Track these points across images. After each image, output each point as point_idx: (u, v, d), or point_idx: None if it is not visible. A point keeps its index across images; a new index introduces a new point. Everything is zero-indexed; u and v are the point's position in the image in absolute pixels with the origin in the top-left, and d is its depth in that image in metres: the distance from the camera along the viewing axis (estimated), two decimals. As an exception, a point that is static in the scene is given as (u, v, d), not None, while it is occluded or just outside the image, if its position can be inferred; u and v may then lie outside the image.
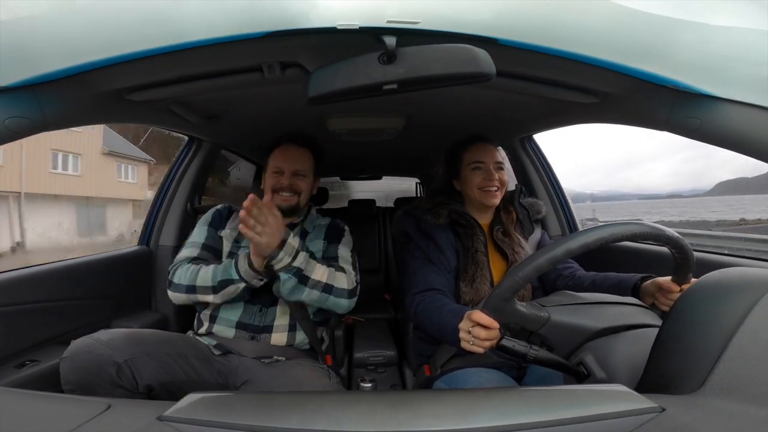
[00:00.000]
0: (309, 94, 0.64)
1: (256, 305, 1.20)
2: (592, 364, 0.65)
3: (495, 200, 1.19)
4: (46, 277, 1.28)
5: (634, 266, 1.46)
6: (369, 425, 0.42)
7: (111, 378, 0.91)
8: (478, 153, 1.22)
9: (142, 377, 0.95)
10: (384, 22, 0.60)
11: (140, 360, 0.96)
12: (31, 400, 0.49)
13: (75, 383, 0.90)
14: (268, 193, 1.27)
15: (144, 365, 0.96)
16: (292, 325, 1.22)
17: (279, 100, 1.21)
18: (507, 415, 0.43)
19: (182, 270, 1.17)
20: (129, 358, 0.94)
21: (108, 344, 0.94)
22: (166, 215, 1.75)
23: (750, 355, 0.44)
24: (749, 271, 0.54)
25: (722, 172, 57.67)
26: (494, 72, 0.61)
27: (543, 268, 0.65)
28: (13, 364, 1.14)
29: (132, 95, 0.88)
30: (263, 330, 1.19)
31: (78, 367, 0.90)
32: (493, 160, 1.20)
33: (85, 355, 0.91)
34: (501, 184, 1.20)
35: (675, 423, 0.41)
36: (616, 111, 0.94)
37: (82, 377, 0.90)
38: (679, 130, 0.77)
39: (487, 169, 1.19)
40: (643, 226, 0.65)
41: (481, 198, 1.20)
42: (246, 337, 1.18)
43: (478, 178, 1.19)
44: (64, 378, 0.91)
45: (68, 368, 0.91)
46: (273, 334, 1.19)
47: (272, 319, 1.20)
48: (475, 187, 1.20)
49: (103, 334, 0.97)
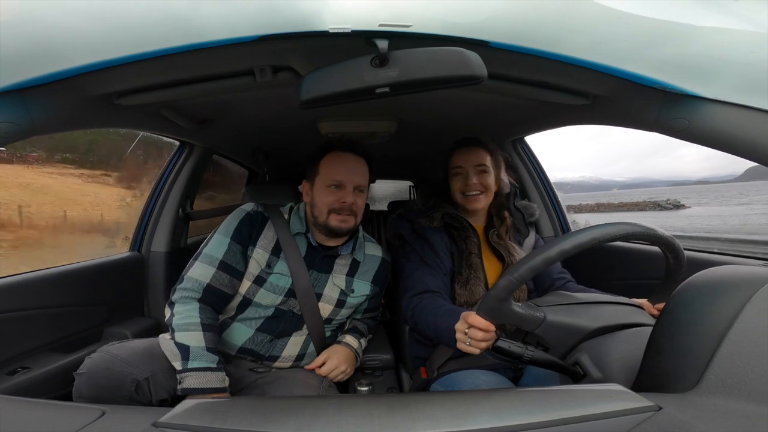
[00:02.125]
0: (301, 98, 0.64)
1: (267, 335, 1.08)
2: (587, 364, 0.66)
3: (477, 204, 1.19)
4: (36, 284, 1.26)
5: (626, 266, 1.48)
6: (366, 429, 0.42)
7: (128, 393, 0.89)
8: (458, 158, 1.22)
9: (158, 392, 0.93)
10: (376, 26, 0.60)
11: (159, 377, 0.93)
12: (24, 408, 0.48)
13: (88, 398, 0.87)
14: (324, 212, 1.08)
15: (161, 382, 0.93)
16: (300, 354, 1.12)
17: (271, 104, 1.20)
18: (505, 416, 0.43)
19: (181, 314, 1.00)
20: (149, 375, 0.91)
21: (127, 361, 0.91)
22: (157, 221, 1.73)
23: (743, 353, 0.44)
24: (739, 269, 0.55)
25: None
26: (486, 74, 0.62)
27: (538, 268, 0.65)
28: (4, 372, 1.12)
29: (121, 100, 0.87)
30: (268, 359, 1.09)
31: (95, 383, 0.87)
32: (473, 163, 1.20)
33: (104, 372, 0.88)
34: (484, 188, 1.19)
35: (672, 421, 0.41)
36: (606, 112, 0.95)
37: (97, 393, 0.87)
38: (668, 131, 0.79)
39: (466, 174, 1.20)
40: (636, 226, 0.66)
41: (464, 202, 1.21)
42: (247, 359, 1.10)
43: (459, 183, 1.21)
44: (77, 392, 0.88)
45: (84, 384, 0.88)
46: (278, 362, 1.10)
47: (281, 350, 1.09)
48: (458, 191, 1.22)
49: (120, 350, 0.93)
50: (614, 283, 1.48)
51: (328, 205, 1.08)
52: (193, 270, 1.05)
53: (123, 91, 0.84)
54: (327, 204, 1.08)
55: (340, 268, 1.17)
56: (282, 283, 1.09)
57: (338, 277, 1.16)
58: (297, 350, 1.12)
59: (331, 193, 1.08)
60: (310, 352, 1.14)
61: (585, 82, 0.82)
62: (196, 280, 1.04)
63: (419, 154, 2.19)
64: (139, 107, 0.96)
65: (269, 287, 1.09)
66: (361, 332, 1.24)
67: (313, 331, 1.12)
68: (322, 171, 1.10)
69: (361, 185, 1.11)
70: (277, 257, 1.10)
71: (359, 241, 1.22)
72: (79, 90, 0.75)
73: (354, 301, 1.18)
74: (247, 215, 1.12)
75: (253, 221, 1.12)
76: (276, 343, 1.09)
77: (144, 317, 1.67)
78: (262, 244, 1.10)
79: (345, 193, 1.08)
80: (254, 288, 1.08)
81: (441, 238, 1.18)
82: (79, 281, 1.40)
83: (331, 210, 1.08)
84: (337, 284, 1.15)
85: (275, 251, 1.11)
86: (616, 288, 1.00)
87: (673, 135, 0.79)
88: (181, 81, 0.84)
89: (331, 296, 1.14)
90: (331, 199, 1.08)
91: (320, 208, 1.09)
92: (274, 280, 1.09)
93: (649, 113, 0.79)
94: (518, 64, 0.75)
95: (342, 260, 1.17)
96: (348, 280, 1.17)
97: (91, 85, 0.75)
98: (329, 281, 1.14)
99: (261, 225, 1.12)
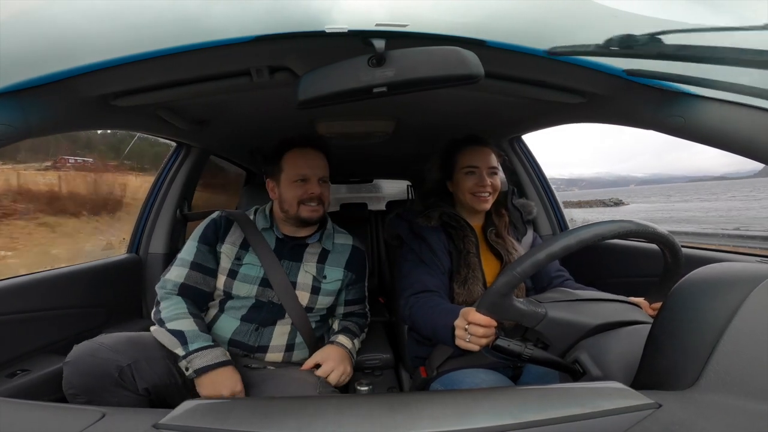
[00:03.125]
0: (299, 98, 0.64)
1: (252, 323, 1.14)
2: (587, 361, 0.66)
3: (486, 205, 1.19)
4: (35, 287, 1.26)
5: (624, 264, 1.48)
6: (367, 428, 0.42)
7: (114, 380, 0.92)
8: (472, 157, 1.20)
9: (142, 380, 0.95)
10: (373, 26, 0.60)
11: (142, 364, 0.96)
12: (24, 410, 0.48)
13: (78, 386, 0.90)
14: (294, 205, 1.17)
15: (145, 369, 0.96)
16: (290, 345, 1.16)
17: (268, 105, 1.20)
18: (505, 415, 0.43)
19: (168, 308, 1.07)
20: (132, 361, 0.95)
21: (112, 348, 0.94)
22: (155, 223, 1.73)
23: (742, 351, 0.44)
24: (736, 266, 0.55)
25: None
26: (482, 73, 0.62)
27: (542, 263, 0.65)
28: (4, 374, 1.13)
29: (118, 101, 0.87)
30: (258, 350, 1.13)
31: (81, 370, 0.90)
32: (487, 165, 1.19)
33: (88, 359, 0.91)
34: (493, 190, 1.19)
35: (672, 419, 0.41)
36: (602, 110, 0.96)
37: (85, 381, 0.90)
38: (664, 128, 0.79)
39: (480, 174, 1.18)
40: (638, 224, 0.66)
41: (472, 203, 1.19)
42: (239, 354, 1.13)
43: (470, 183, 1.19)
44: (66, 382, 0.91)
45: (71, 372, 0.91)
46: (268, 354, 1.14)
47: (268, 340, 1.14)
48: (467, 191, 1.19)
49: (105, 338, 0.97)
50: (612, 281, 1.48)
51: (298, 197, 1.16)
52: (170, 273, 1.15)
53: (119, 92, 0.84)
54: (296, 197, 1.16)
55: (309, 257, 1.23)
56: (254, 272, 1.16)
57: (309, 265, 1.21)
58: (285, 340, 1.15)
59: (298, 187, 1.16)
60: (299, 342, 1.18)
61: (581, 81, 0.83)
62: (172, 281, 1.13)
63: (417, 154, 2.19)
64: (136, 108, 0.96)
65: (242, 278, 1.16)
66: (353, 332, 1.24)
67: (296, 319, 1.16)
68: (286, 168, 1.18)
69: (324, 176, 1.20)
70: (245, 251, 1.19)
71: (327, 231, 1.28)
72: (75, 91, 0.74)
73: (330, 287, 1.22)
74: (213, 221, 1.23)
75: (217, 225, 1.22)
76: (262, 332, 1.14)
77: (143, 319, 1.67)
78: (230, 240, 1.20)
79: (311, 185, 1.17)
80: (229, 281, 1.16)
81: (439, 238, 1.18)
82: (77, 284, 1.39)
83: (300, 202, 1.16)
84: (308, 271, 1.20)
85: (243, 245, 1.19)
86: (614, 286, 1.00)
87: (668, 132, 0.79)
88: (178, 82, 0.84)
89: (305, 283, 1.19)
90: (299, 192, 1.16)
91: (290, 202, 1.17)
92: (245, 270, 1.16)
93: (645, 111, 0.79)
94: (514, 63, 0.75)
95: (311, 249, 1.24)
96: (319, 267, 1.22)
97: (87, 87, 0.75)
98: (301, 269, 1.20)
99: (227, 226, 1.22)
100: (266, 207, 1.28)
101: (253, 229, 1.21)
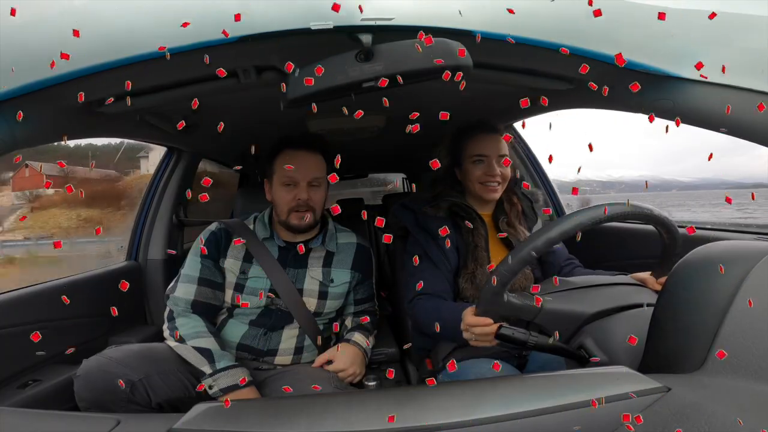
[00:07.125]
0: (288, 96, 0.64)
1: (261, 328, 1.14)
2: (592, 347, 0.66)
3: (495, 195, 1.15)
4: (39, 298, 1.27)
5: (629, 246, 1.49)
6: (377, 423, 0.42)
7: (126, 396, 0.91)
8: (481, 145, 1.15)
9: (156, 395, 0.94)
10: (358, 21, 0.59)
11: (155, 378, 0.95)
12: (39, 420, 0.48)
13: (89, 400, 0.89)
14: (284, 212, 1.13)
15: (158, 384, 0.95)
16: (298, 348, 1.15)
17: (257, 105, 1.18)
18: (514, 404, 0.44)
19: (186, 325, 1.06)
20: (143, 376, 0.93)
21: (122, 362, 0.93)
22: (152, 229, 1.72)
23: (747, 330, 0.44)
24: (736, 243, 0.55)
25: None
26: (471, 64, 0.62)
27: (527, 260, 0.65)
28: (16, 385, 1.14)
29: (103, 108, 0.85)
30: (267, 354, 1.13)
31: (91, 385, 0.89)
32: (497, 153, 1.14)
33: (98, 374, 0.90)
34: (503, 179, 1.15)
35: (682, 402, 0.41)
36: (591, 96, 0.96)
37: (96, 396, 0.89)
38: (655, 112, 0.79)
39: (489, 163, 1.13)
40: (631, 206, 0.66)
41: (481, 192, 1.15)
42: (248, 358, 1.13)
43: (479, 172, 1.14)
44: (78, 395, 0.90)
45: (82, 387, 0.90)
46: (277, 357, 1.14)
47: (277, 343, 1.14)
48: (476, 180, 1.15)
49: (115, 352, 0.95)
50: (619, 263, 1.49)
51: (287, 204, 1.13)
52: (178, 290, 1.12)
53: (103, 99, 0.82)
54: (286, 203, 1.13)
55: (314, 261, 1.20)
56: (260, 285, 1.14)
57: (314, 270, 1.19)
58: (294, 343, 1.15)
59: (287, 191, 1.12)
60: (308, 345, 1.17)
61: (567, 67, 0.82)
62: (182, 299, 1.10)
63: (411, 146, 2.18)
64: (123, 115, 0.94)
65: (249, 291, 1.14)
66: (368, 330, 1.24)
67: (305, 324, 1.15)
68: (277, 169, 1.14)
69: (315, 178, 1.13)
70: (249, 263, 1.16)
71: (330, 232, 1.25)
72: (57, 100, 0.73)
73: (337, 291, 1.20)
74: (212, 233, 1.19)
75: (218, 238, 1.18)
76: (271, 336, 1.14)
77: (148, 325, 1.68)
78: (232, 254, 1.17)
79: (299, 189, 1.12)
80: (236, 295, 1.14)
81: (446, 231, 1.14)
82: (80, 294, 1.40)
83: (290, 209, 1.13)
84: (314, 277, 1.18)
85: (247, 258, 1.17)
86: (622, 269, 1.00)
87: (660, 116, 0.79)
88: (164, 86, 0.82)
89: (312, 289, 1.17)
90: (288, 198, 1.12)
91: (281, 207, 1.14)
92: (252, 284, 1.14)
93: (632, 95, 0.79)
94: (502, 52, 0.75)
95: (315, 253, 1.21)
96: (325, 272, 1.20)
97: (71, 94, 0.74)
98: (306, 276, 1.18)
99: (227, 239, 1.18)
100: (265, 214, 1.25)
101: (255, 240, 1.18)
